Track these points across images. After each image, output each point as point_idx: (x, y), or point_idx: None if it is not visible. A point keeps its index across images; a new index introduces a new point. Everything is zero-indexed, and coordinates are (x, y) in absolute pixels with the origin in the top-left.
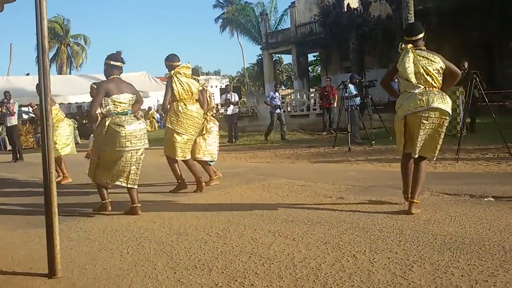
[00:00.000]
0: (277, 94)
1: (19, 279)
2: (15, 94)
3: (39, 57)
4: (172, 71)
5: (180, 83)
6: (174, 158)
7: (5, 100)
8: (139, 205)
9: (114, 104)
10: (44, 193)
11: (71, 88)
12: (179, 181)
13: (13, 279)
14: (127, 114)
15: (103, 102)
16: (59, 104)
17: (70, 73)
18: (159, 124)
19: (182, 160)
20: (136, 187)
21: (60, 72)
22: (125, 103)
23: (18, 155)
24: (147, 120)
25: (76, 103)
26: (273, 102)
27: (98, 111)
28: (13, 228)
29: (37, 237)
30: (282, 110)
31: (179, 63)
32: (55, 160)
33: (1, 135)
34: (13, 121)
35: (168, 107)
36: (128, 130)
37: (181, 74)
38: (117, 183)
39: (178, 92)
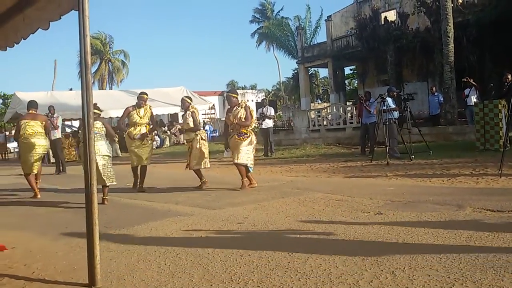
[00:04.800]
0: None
1: None
2: (59, 109)
3: (82, 72)
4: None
5: None
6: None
7: (49, 114)
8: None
9: None
10: (85, 205)
11: (112, 102)
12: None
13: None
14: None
15: None
16: (101, 117)
17: (110, 88)
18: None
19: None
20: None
21: (101, 87)
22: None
23: (61, 168)
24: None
25: (117, 117)
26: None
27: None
28: (56, 239)
29: (78, 248)
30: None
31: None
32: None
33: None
34: (57, 134)
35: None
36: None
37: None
38: None
39: None
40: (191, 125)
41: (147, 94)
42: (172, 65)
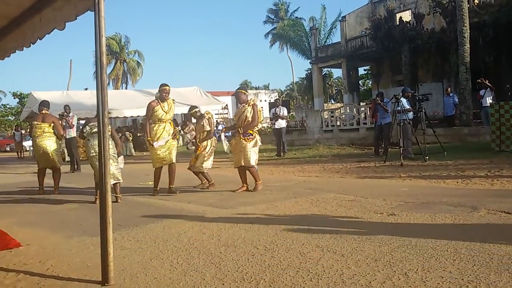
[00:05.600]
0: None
1: (74, 285)
2: (74, 108)
3: (97, 72)
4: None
5: None
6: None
7: (65, 113)
8: None
9: None
10: (99, 203)
11: (127, 102)
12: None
13: (69, 285)
14: None
15: None
16: (115, 117)
17: (126, 88)
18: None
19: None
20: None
21: (116, 87)
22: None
23: (76, 166)
24: None
25: (131, 116)
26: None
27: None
28: (70, 236)
29: (92, 245)
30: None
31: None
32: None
33: (60, 147)
34: (72, 133)
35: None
36: None
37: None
38: None
39: None
40: (207, 128)
41: (169, 86)
42: (186, 65)
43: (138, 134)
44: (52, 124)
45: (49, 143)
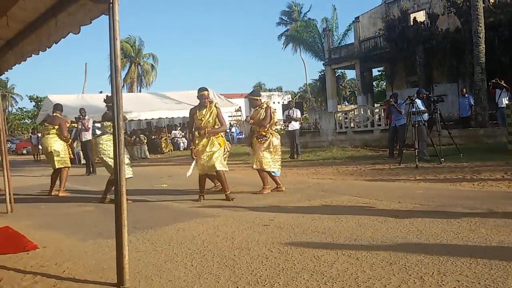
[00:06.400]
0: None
1: (90, 287)
2: (89, 111)
3: (112, 75)
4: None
5: None
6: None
7: (81, 116)
8: None
9: None
10: (114, 205)
11: (142, 105)
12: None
13: (85, 287)
14: None
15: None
16: (130, 120)
17: (140, 91)
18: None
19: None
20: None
21: (130, 90)
22: None
23: (91, 169)
24: None
25: (146, 119)
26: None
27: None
28: (85, 238)
29: (107, 248)
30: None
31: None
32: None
33: (76, 150)
34: (88, 136)
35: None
36: None
37: None
38: None
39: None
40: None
41: (207, 90)
42: (199, 67)
43: (153, 137)
44: (57, 126)
45: (52, 143)
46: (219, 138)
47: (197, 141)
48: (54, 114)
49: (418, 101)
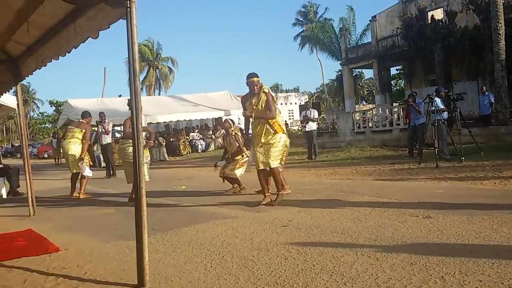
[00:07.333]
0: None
1: None
2: (109, 114)
3: (131, 79)
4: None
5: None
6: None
7: (101, 120)
8: None
9: None
10: (135, 207)
11: (160, 108)
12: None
13: None
14: None
15: None
16: (148, 123)
17: (158, 94)
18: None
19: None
20: None
21: (148, 93)
22: None
23: (111, 172)
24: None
25: (164, 122)
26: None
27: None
28: (106, 240)
29: (128, 249)
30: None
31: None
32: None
33: (96, 153)
34: (108, 139)
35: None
36: None
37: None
38: None
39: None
40: (236, 145)
41: (257, 76)
42: (216, 70)
43: (171, 139)
44: (84, 131)
45: (72, 147)
46: (275, 124)
47: (250, 130)
48: (81, 120)
49: (438, 100)
